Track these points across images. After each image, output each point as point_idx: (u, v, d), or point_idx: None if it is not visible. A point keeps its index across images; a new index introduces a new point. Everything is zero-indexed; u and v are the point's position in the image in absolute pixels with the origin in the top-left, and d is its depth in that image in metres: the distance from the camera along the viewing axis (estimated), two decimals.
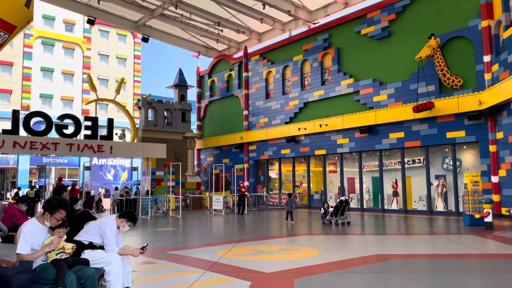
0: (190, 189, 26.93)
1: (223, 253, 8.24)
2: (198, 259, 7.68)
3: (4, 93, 44.24)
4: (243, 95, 27.42)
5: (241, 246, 9.40)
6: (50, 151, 21.69)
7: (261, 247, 9.13)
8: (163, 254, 8.30)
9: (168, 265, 7.15)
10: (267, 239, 10.77)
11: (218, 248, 9.01)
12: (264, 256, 7.98)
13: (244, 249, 8.93)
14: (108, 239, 4.78)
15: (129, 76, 54.20)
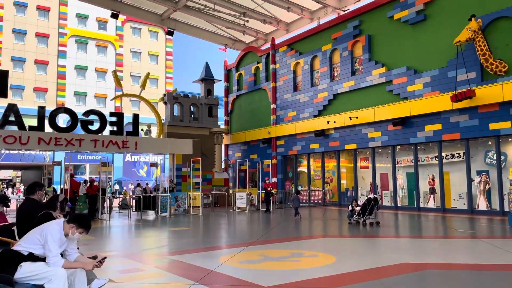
0: (217, 185, 26.30)
1: (226, 259, 7.33)
2: (194, 267, 6.81)
3: (40, 91, 45.35)
4: (270, 88, 26.40)
5: (250, 250, 8.46)
6: (74, 147, 21.55)
7: (271, 252, 8.15)
8: (159, 260, 7.51)
9: (156, 274, 6.32)
10: (282, 241, 9.77)
11: (223, 252, 8.13)
12: (270, 264, 7.00)
13: (251, 254, 8.00)
14: (50, 250, 3.96)
15: (161, 73, 54.40)
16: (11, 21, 43.85)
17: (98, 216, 16.23)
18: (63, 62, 46.96)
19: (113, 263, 7.23)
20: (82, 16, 48.86)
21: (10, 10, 43.99)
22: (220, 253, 8.10)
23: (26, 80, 44.53)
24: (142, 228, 13.40)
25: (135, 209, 17.15)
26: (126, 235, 11.74)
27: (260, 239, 10.02)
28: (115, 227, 13.61)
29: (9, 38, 43.71)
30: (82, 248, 9.12)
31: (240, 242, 9.66)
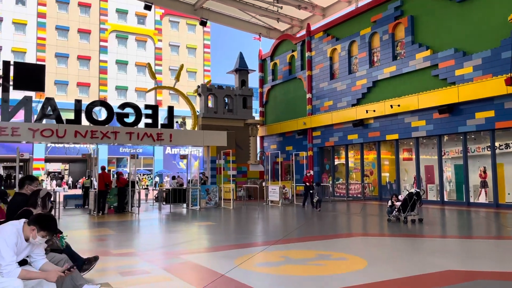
0: (252, 178, 25.70)
1: (242, 261, 6.57)
2: (205, 270, 6.10)
3: (83, 86, 46.55)
4: (306, 77, 25.30)
5: (272, 250, 7.66)
6: (110, 140, 21.60)
7: (295, 253, 7.31)
8: (170, 260, 6.87)
9: (160, 278, 5.66)
10: (309, 240, 8.89)
11: (242, 252, 7.38)
12: (289, 268, 6.16)
13: (272, 255, 7.19)
14: (2, 257, 3.34)
15: (198, 66, 54.41)
16: (54, 18, 45.14)
17: (128, 210, 16.01)
18: (105, 57, 47.92)
19: (119, 263, 6.68)
20: (122, 11, 49.59)
21: (52, 7, 45.29)
22: (238, 253, 7.36)
23: (69, 76, 45.82)
24: (167, 223, 12.95)
25: (166, 202, 16.79)
26: (147, 230, 11.27)
27: (286, 237, 9.19)
28: (140, 221, 13.24)
29: (53, 34, 45.05)
30: (97, 244, 8.82)
31: (264, 240, 8.89)
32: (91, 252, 7.59)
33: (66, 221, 13.27)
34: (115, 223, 12.63)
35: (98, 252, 7.54)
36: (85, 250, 7.74)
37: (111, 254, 7.42)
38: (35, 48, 43.93)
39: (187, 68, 53.18)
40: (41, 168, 42.26)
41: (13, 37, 42.85)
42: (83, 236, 9.98)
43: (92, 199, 15.27)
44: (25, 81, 20.88)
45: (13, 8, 43.11)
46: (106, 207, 15.49)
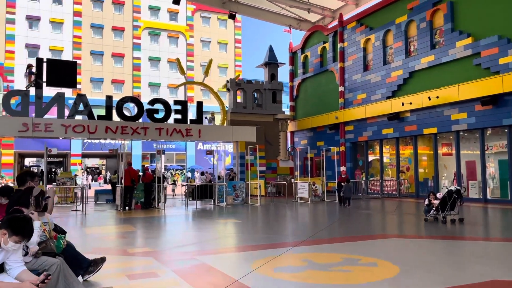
0: (282, 174, 25.15)
1: (260, 264, 6.05)
2: (219, 274, 5.62)
3: (117, 83, 47.30)
4: (338, 69, 24.39)
5: (295, 252, 7.10)
6: (140, 135, 21.64)
7: (319, 257, 6.71)
8: (184, 261, 6.43)
9: (168, 283, 5.23)
10: (337, 242, 8.25)
11: (262, 254, 6.85)
12: (310, 275, 5.58)
13: (293, 258, 6.63)
14: None
15: (230, 61, 54.18)
16: (89, 16, 46.05)
17: (155, 205, 15.84)
18: (138, 54, 48.49)
19: (131, 264, 6.33)
20: (154, 8, 49.98)
21: (88, 6, 46.19)
22: (258, 254, 6.85)
23: (104, 73, 46.67)
24: (191, 220, 12.63)
25: (192, 198, 16.51)
26: (169, 228, 10.95)
27: (311, 238, 8.59)
28: (164, 218, 12.98)
29: (88, 32, 45.98)
30: (116, 241, 8.56)
31: (287, 241, 8.33)
32: (106, 250, 7.30)
33: (92, 216, 13.21)
34: (139, 219, 12.43)
35: (114, 251, 7.25)
36: (101, 249, 7.47)
37: (126, 253, 7.09)
38: (71, 46, 44.99)
39: (218, 64, 53.09)
40: (77, 164, 43.34)
41: (50, 36, 44.05)
42: (103, 233, 9.77)
43: (118, 194, 15.19)
44: (58, 78, 21.18)
45: (50, 8, 44.29)
46: (133, 202, 15.38)
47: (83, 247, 7.59)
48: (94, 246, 7.82)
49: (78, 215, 13.44)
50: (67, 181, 21.43)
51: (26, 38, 42.79)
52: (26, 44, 42.68)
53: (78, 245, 7.85)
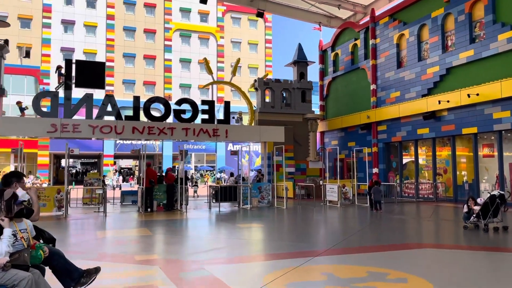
0: (311, 176, 24.36)
1: (272, 278, 5.41)
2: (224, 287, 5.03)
3: (149, 85, 47.80)
4: (369, 66, 23.34)
5: (314, 263, 6.41)
6: (167, 136, 21.43)
7: (341, 270, 6.00)
8: (190, 272, 5.88)
9: None
10: (363, 252, 7.48)
11: (277, 265, 6.21)
12: None
13: (312, 271, 5.94)
14: None
15: (260, 62, 53.72)
16: (121, 19, 46.77)
17: (177, 207, 15.48)
18: (169, 55, 48.84)
19: (131, 274, 5.84)
20: (185, 10, 50.23)
21: (120, 9, 46.94)
22: (273, 265, 6.21)
23: (136, 75, 47.27)
24: (210, 224, 12.12)
25: (216, 200, 16.03)
26: (186, 232, 10.42)
27: (336, 246, 7.86)
28: (184, 221, 12.54)
29: (120, 35, 46.71)
30: (125, 246, 8.09)
31: (309, 249, 7.63)
32: (112, 257, 6.87)
33: (112, 218, 12.96)
34: (158, 222, 12.05)
35: (120, 257, 6.80)
36: (107, 255, 7.05)
37: (132, 260, 6.63)
38: (105, 49, 45.80)
39: (249, 65, 52.78)
40: (109, 165, 44.01)
41: (84, 39, 45.02)
42: (116, 237, 9.41)
43: (139, 196, 14.92)
44: (87, 79, 21.31)
45: (85, 12, 45.28)
46: (155, 204, 15.07)
47: (89, 252, 7.21)
48: (101, 251, 7.43)
49: (98, 217, 13.23)
50: (95, 182, 21.52)
51: (61, 42, 43.92)
52: (61, 48, 43.79)
53: (84, 249, 7.54)
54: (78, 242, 8.55)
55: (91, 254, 7.12)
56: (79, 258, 6.74)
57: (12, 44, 42.47)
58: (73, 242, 8.57)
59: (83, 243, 8.37)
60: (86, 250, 7.56)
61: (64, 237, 9.24)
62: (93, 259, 6.65)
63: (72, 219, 12.75)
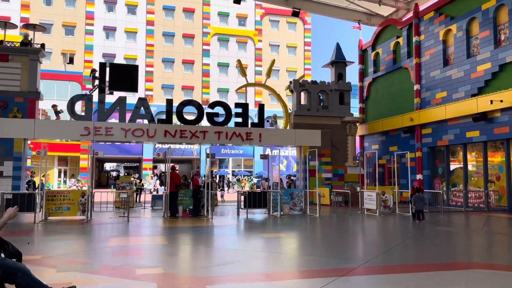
0: (350, 182, 23.07)
1: None
2: None
3: (187, 89, 48.00)
4: (413, 65, 21.80)
5: (339, 284, 5.40)
6: (199, 139, 21.06)
7: None
8: None
9: None
10: (401, 271, 6.37)
11: (296, 286, 5.27)
12: None
13: None
14: None
15: (299, 65, 52.68)
16: (161, 24, 47.34)
17: (203, 213, 14.80)
18: (207, 60, 48.88)
19: None
20: (224, 14, 50.16)
21: (160, 15, 47.53)
22: (290, 286, 5.27)
23: (175, 80, 47.61)
24: (234, 231, 11.29)
25: (244, 206, 15.20)
26: (205, 241, 9.57)
27: (368, 263, 6.79)
28: (207, 228, 11.78)
29: (160, 41, 47.26)
30: (136, 258, 7.25)
31: (336, 266, 6.61)
32: (112, 270, 6.19)
33: (133, 224, 12.45)
34: (179, 229, 11.38)
35: (119, 271, 6.10)
36: (108, 267, 6.38)
37: (130, 275, 5.91)
38: (144, 54, 46.47)
39: (287, 68, 51.92)
40: (148, 169, 44.40)
41: (125, 45, 45.89)
42: (127, 245, 8.77)
43: (163, 201, 14.38)
44: (120, 82, 21.26)
45: (125, 18, 46.19)
46: (180, 209, 14.46)
47: (91, 263, 6.59)
48: (104, 262, 6.78)
49: (121, 222, 12.77)
50: (126, 185, 21.36)
51: (103, 48, 44.96)
52: (103, 54, 44.82)
53: (87, 259, 6.93)
54: (85, 250, 8.00)
55: (92, 265, 6.49)
56: (76, 269, 6.13)
57: (57, 51, 44.03)
58: (80, 250, 8.03)
59: (90, 252, 7.80)
60: (89, 260, 6.95)
61: (73, 244, 8.75)
62: (90, 271, 6.02)
63: (93, 223, 12.36)
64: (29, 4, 42.99)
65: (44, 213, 13.05)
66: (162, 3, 47.59)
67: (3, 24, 19.81)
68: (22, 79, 19.31)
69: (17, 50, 19.24)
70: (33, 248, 8.00)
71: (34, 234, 10.11)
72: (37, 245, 8.41)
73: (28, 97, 19.32)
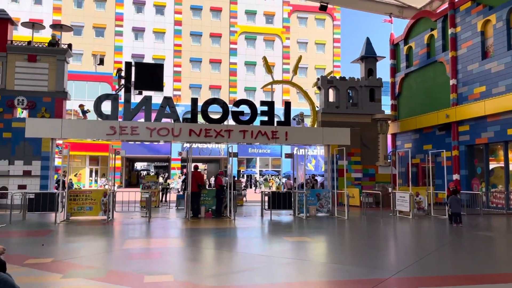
0: (381, 182, 22.12)
1: None
2: None
3: (214, 89, 47.90)
4: (449, 59, 20.60)
5: None
6: (224, 138, 20.61)
7: None
8: None
9: None
10: (437, 283, 5.64)
11: None
12: None
13: None
14: None
15: (328, 62, 51.64)
16: (188, 24, 47.43)
17: (226, 214, 14.33)
18: (234, 59, 48.63)
19: None
20: (251, 12, 49.75)
21: (187, 15, 47.64)
22: None
23: (202, 79, 47.60)
24: (255, 234, 10.73)
25: (268, 206, 14.63)
26: (222, 245, 8.96)
27: (400, 274, 6.09)
28: (227, 230, 11.28)
29: (187, 40, 47.35)
30: (148, 263, 6.56)
31: (361, 277, 5.93)
32: (122, 276, 5.75)
33: (154, 225, 12.10)
34: (199, 231, 10.94)
35: (127, 278, 5.66)
36: (117, 272, 5.96)
37: (137, 283, 5.45)
38: (172, 54, 46.68)
39: (315, 65, 50.99)
40: (176, 168, 44.54)
41: (153, 46, 46.24)
42: (142, 248, 8.36)
43: (185, 201, 14.00)
44: (145, 82, 21.15)
45: (154, 19, 46.54)
46: (203, 210, 14.04)
47: (99, 268, 6.20)
48: (114, 268, 6.37)
49: (141, 223, 12.47)
50: (152, 184, 21.21)
51: (132, 49, 45.46)
52: (132, 54, 45.33)
53: (97, 264, 6.53)
54: (97, 253, 7.64)
55: (100, 270, 6.10)
56: (82, 275, 5.75)
57: (88, 52, 44.84)
58: (93, 253, 7.68)
59: (103, 255, 7.44)
60: (99, 264, 6.57)
61: (87, 246, 8.43)
62: (96, 278, 5.62)
63: (113, 224, 12.11)
64: (61, 7, 43.96)
65: (66, 213, 12.93)
66: (189, 3, 47.66)
67: (30, 25, 20.03)
68: (49, 79, 19.50)
69: (44, 50, 19.41)
70: (46, 250, 7.73)
71: (52, 235, 9.89)
72: (51, 247, 8.15)
73: (56, 97, 19.49)
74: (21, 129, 18.43)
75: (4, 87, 18.90)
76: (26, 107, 18.95)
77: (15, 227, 11.10)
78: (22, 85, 19.02)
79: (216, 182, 14.78)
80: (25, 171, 18.67)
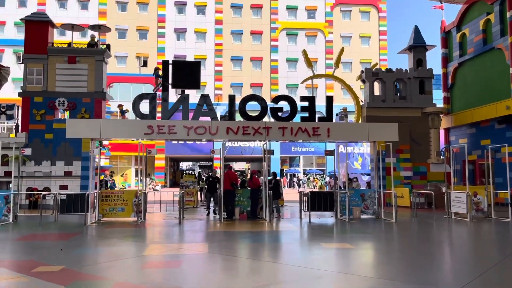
0: (433, 181, 20.49)
1: None
2: None
3: (256, 87, 47.25)
4: (508, 45, 18.61)
5: None
6: (262, 136, 19.80)
7: None
8: None
9: None
10: None
11: None
12: None
13: None
14: None
15: (373, 55, 49.49)
16: (229, 23, 47.10)
17: (262, 216, 13.49)
18: (275, 56, 47.75)
19: None
20: (292, 8, 48.64)
21: (228, 13, 47.31)
22: None
23: (243, 77, 47.10)
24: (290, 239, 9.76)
25: (307, 208, 13.64)
26: (248, 252, 8.05)
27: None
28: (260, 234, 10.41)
29: (228, 39, 47.04)
30: (169, 273, 5.91)
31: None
32: None
33: (185, 227, 11.51)
34: (230, 234, 10.18)
35: None
36: (124, 285, 5.27)
37: None
38: (213, 54, 46.55)
39: (360, 60, 49.02)
40: (218, 167, 44.31)
41: (195, 46, 46.33)
42: (163, 255, 7.64)
43: (218, 201, 13.32)
44: (183, 80, 20.83)
45: (195, 19, 46.63)
46: (237, 211, 13.30)
47: (107, 279, 5.55)
48: (123, 279, 5.71)
49: (171, 225, 11.91)
50: (190, 184, 20.82)
51: (174, 50, 45.76)
52: (175, 55, 45.59)
53: (105, 274, 5.82)
54: (111, 260, 7.03)
55: (106, 283, 5.46)
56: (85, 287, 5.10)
57: (132, 55, 45.66)
58: (106, 260, 7.08)
59: (117, 263, 6.82)
60: (108, 274, 5.94)
61: (104, 252, 7.87)
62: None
63: (144, 226, 11.63)
64: (106, 11, 45.04)
65: (98, 214, 12.63)
66: (230, 1, 47.33)
67: (70, 27, 20.22)
68: (89, 80, 19.60)
69: (83, 51, 19.52)
70: (62, 256, 7.26)
71: (75, 238, 9.49)
72: (68, 252, 7.68)
73: (95, 97, 19.55)
74: (62, 130, 18.58)
75: (45, 89, 19.18)
76: (66, 108, 19.13)
77: (44, 229, 10.87)
78: (62, 87, 19.22)
79: (251, 182, 13.95)
80: (66, 172, 18.83)
